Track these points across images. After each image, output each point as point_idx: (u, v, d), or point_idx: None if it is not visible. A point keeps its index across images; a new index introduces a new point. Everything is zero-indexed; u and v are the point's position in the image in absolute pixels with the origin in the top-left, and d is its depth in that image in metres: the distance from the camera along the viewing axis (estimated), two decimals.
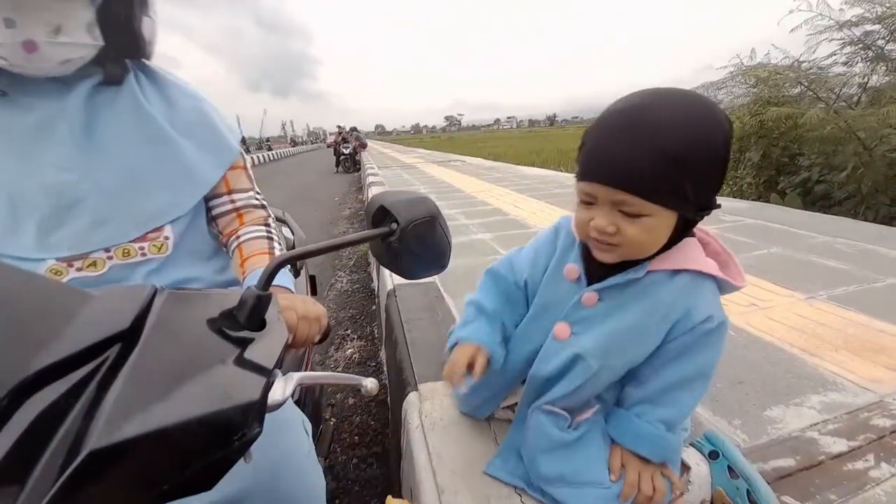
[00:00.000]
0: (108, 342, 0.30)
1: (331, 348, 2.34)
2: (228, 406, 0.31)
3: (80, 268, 0.67)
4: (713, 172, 0.53)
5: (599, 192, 0.54)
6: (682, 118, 0.50)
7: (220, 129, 0.80)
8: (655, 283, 0.61)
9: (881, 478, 0.79)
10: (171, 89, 0.76)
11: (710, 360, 0.64)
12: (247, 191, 0.84)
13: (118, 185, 0.68)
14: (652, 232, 0.55)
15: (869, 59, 4.26)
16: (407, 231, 0.50)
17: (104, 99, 0.69)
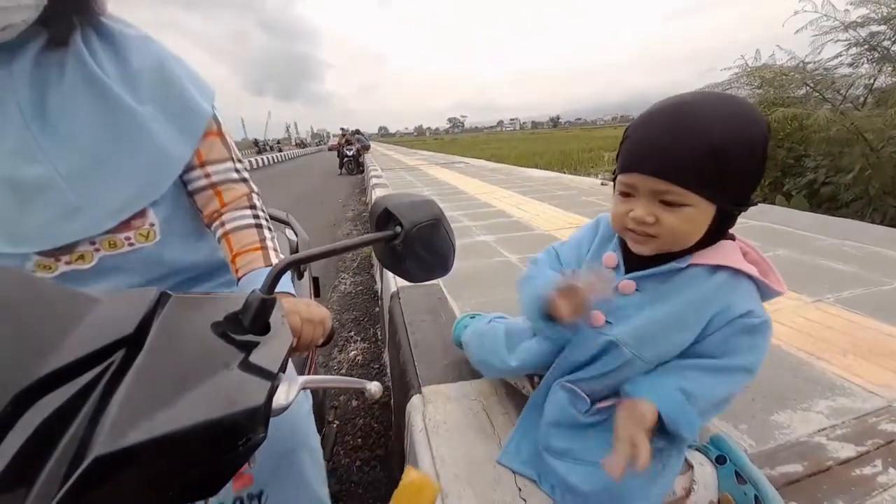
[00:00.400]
0: (114, 347, 0.30)
1: (334, 350, 2.34)
2: (233, 411, 0.31)
3: (68, 261, 0.64)
4: (752, 168, 0.56)
5: (641, 183, 0.57)
6: (726, 115, 0.54)
7: (187, 90, 0.69)
8: (695, 277, 0.62)
9: (889, 483, 0.78)
10: (127, 46, 0.65)
11: (753, 358, 0.64)
12: (223, 161, 0.73)
13: (81, 169, 0.61)
14: (691, 222, 0.57)
15: (875, 60, 4.23)
16: (411, 234, 0.50)
17: (51, 70, 0.59)
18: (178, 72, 0.69)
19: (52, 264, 0.63)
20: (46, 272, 0.64)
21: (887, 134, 3.69)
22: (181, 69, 0.70)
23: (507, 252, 2.43)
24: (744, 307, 0.61)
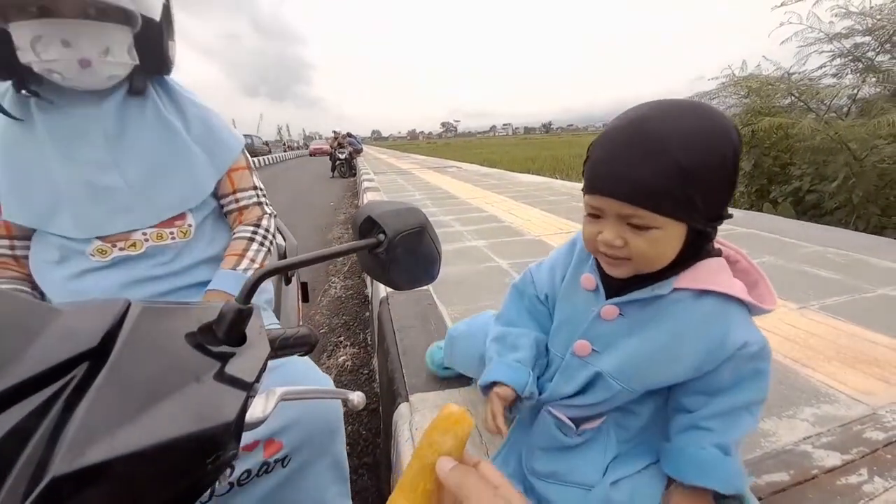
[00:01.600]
0: (76, 360, 0.29)
1: (323, 356, 2.31)
2: (202, 427, 0.30)
3: (122, 248, 0.81)
4: (722, 183, 0.52)
5: (606, 206, 0.54)
6: (689, 130, 0.50)
7: (223, 135, 0.93)
8: (681, 303, 0.58)
9: (875, 493, 0.78)
10: (184, 101, 0.89)
11: (762, 386, 0.62)
12: (249, 189, 0.98)
13: (142, 180, 0.82)
14: (660, 244, 0.53)
15: (859, 71, 4.33)
16: (395, 242, 0.49)
17: (133, 108, 0.83)
18: (217, 122, 0.93)
19: (108, 249, 0.81)
20: (102, 256, 0.81)
21: (870, 143, 3.76)
22: (219, 121, 0.94)
23: (498, 257, 2.42)
24: (738, 339, 0.58)
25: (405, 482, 0.35)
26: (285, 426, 0.74)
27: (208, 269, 0.90)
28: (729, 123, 0.52)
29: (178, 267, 0.86)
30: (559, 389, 0.69)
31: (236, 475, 0.70)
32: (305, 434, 0.77)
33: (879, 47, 4.18)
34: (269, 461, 0.73)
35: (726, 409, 0.62)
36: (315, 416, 0.78)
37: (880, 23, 3.99)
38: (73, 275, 0.80)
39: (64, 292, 0.80)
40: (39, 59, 0.69)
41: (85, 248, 0.80)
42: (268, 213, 1.02)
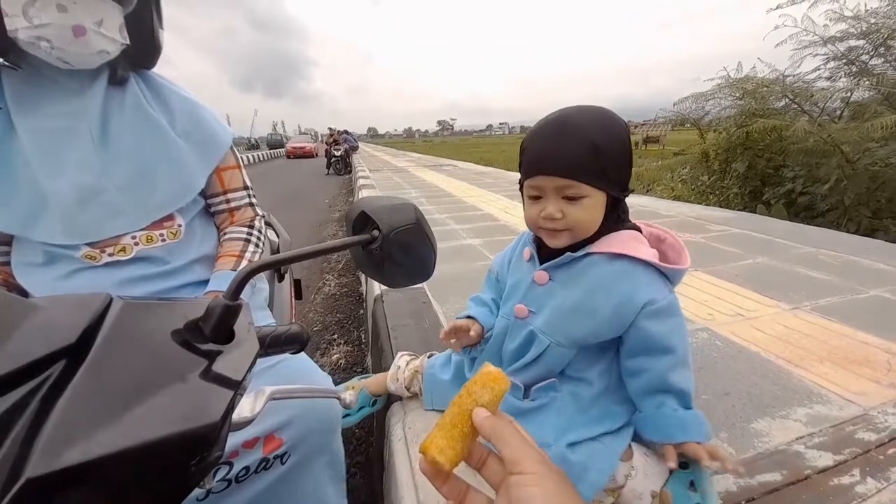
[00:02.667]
0: (52, 358, 0.27)
1: (316, 353, 2.29)
2: (186, 428, 0.29)
3: (111, 253, 0.78)
4: (624, 160, 0.67)
5: (545, 183, 0.66)
6: (598, 119, 0.66)
7: (211, 129, 0.89)
8: (595, 264, 0.70)
9: (867, 493, 0.78)
10: (168, 94, 0.86)
11: (678, 337, 0.70)
12: (240, 189, 0.96)
13: (130, 181, 0.78)
14: (591, 210, 0.66)
15: (852, 74, 4.36)
16: (389, 238, 0.48)
17: (114, 103, 0.79)
18: (205, 115, 0.89)
19: (97, 255, 0.77)
20: (92, 262, 0.77)
21: (863, 146, 3.80)
22: (207, 113, 0.90)
23: (492, 255, 2.42)
24: (645, 295, 0.67)
25: (444, 423, 0.38)
26: (286, 422, 0.74)
27: (200, 268, 0.88)
28: (619, 119, 0.68)
29: (170, 268, 0.84)
30: (506, 347, 0.81)
31: (235, 472, 0.69)
32: (305, 431, 0.76)
33: (873, 51, 4.21)
34: (269, 457, 0.72)
35: (669, 366, 0.69)
36: (315, 413, 0.78)
37: (874, 26, 4.02)
38: (61, 276, 0.77)
39: (51, 293, 0.77)
40: (31, 24, 0.65)
41: (74, 253, 0.77)
42: (259, 214, 1.00)
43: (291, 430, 0.75)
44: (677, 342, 0.69)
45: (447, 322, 1.51)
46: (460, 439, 0.36)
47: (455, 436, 0.37)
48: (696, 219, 3.31)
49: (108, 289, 0.76)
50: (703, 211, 3.72)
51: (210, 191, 0.92)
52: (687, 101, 5.58)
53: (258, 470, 0.72)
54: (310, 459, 0.79)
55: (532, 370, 0.77)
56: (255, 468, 0.71)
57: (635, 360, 0.71)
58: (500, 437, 0.34)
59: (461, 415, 0.37)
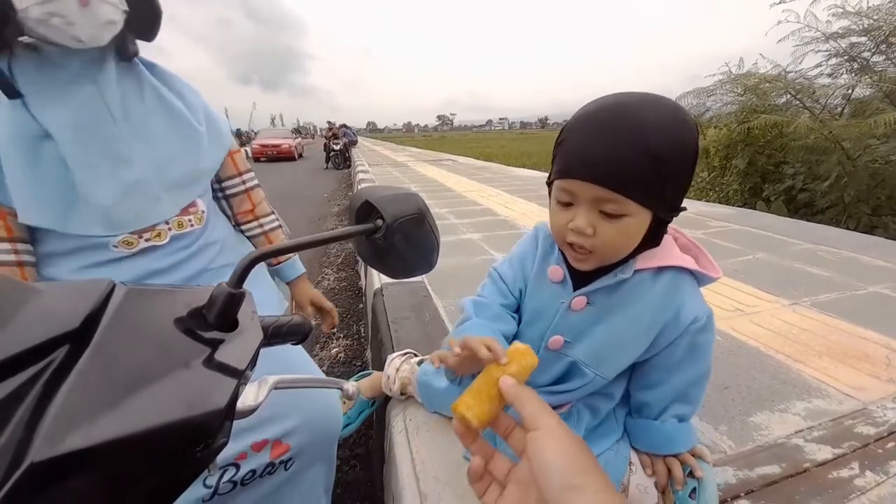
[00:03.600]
0: (55, 343, 0.27)
1: (316, 347, 2.29)
2: (191, 415, 0.28)
3: (148, 238, 0.78)
4: (687, 173, 0.54)
5: (581, 190, 0.53)
6: (664, 119, 0.51)
7: (219, 121, 0.92)
8: (642, 283, 0.61)
9: (866, 486, 0.79)
10: (181, 86, 0.87)
11: (710, 356, 0.66)
12: (249, 171, 1.01)
13: (161, 168, 0.79)
14: (628, 234, 0.54)
15: (854, 71, 4.35)
16: (393, 228, 0.48)
17: (131, 86, 0.77)
18: (212, 110, 0.92)
19: (134, 240, 0.77)
20: (128, 248, 0.77)
21: (863, 143, 3.80)
22: (212, 109, 0.93)
23: (493, 250, 2.42)
24: (691, 313, 0.61)
25: (474, 388, 0.42)
26: (294, 429, 0.76)
27: (215, 253, 0.90)
28: (691, 118, 0.54)
29: (194, 251, 0.85)
30: (534, 380, 0.69)
31: (241, 475, 0.71)
32: (311, 439, 0.78)
33: (875, 48, 4.20)
34: (275, 462, 0.74)
35: (687, 384, 0.66)
36: (321, 421, 0.80)
37: (876, 23, 4.01)
38: (84, 266, 0.75)
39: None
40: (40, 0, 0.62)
41: (109, 241, 0.75)
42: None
43: (298, 438, 0.76)
44: (709, 356, 0.66)
45: (448, 317, 1.51)
46: (487, 402, 0.40)
47: (483, 398, 0.40)
48: (696, 215, 3.31)
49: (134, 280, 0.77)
50: (704, 207, 3.72)
51: (226, 174, 0.95)
52: (688, 97, 5.56)
53: (263, 474, 0.73)
54: (310, 467, 0.81)
55: (560, 395, 0.70)
56: (261, 472, 0.73)
57: (660, 373, 0.66)
58: (522, 399, 0.38)
59: (489, 381, 0.41)
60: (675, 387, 0.66)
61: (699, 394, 0.68)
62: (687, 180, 0.55)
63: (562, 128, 0.57)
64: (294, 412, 0.76)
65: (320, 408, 0.81)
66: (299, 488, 0.80)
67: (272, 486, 0.75)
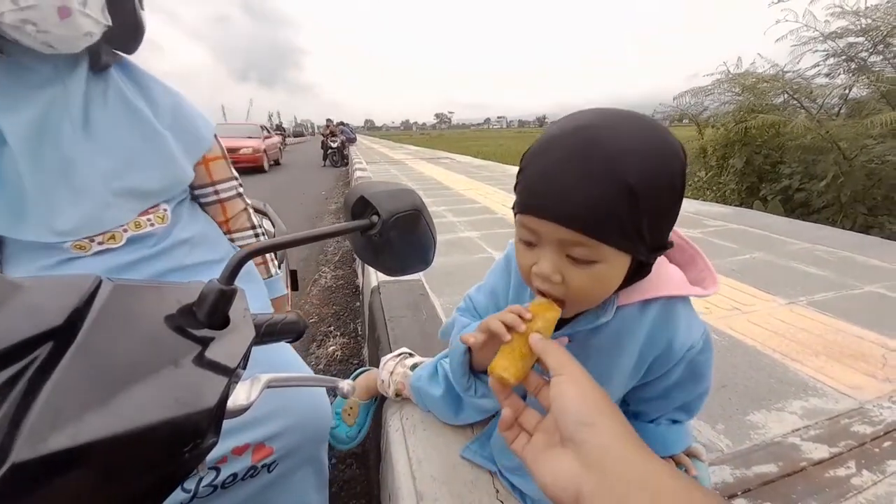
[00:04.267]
0: (38, 340, 0.26)
1: (312, 345, 2.29)
2: (179, 413, 0.28)
3: (101, 241, 0.75)
4: (672, 208, 0.45)
5: (545, 230, 0.44)
6: (642, 145, 0.42)
7: (194, 123, 0.87)
8: (627, 319, 0.55)
9: (863, 485, 0.79)
10: (152, 86, 0.83)
11: (709, 373, 0.64)
12: (228, 180, 0.95)
13: (117, 173, 0.75)
14: (601, 282, 0.46)
15: (851, 71, 4.36)
16: (389, 224, 0.47)
17: (97, 91, 0.75)
18: (188, 110, 0.87)
19: (86, 244, 0.75)
20: (81, 251, 0.75)
21: (860, 143, 3.81)
22: (189, 108, 0.87)
23: (490, 248, 2.41)
24: (685, 342, 0.56)
25: (505, 348, 0.45)
26: (278, 433, 0.74)
27: (188, 250, 0.87)
28: (676, 141, 0.45)
29: (158, 250, 0.82)
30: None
31: (222, 478, 0.70)
32: (296, 440, 0.77)
33: (872, 48, 4.21)
34: (257, 465, 0.73)
35: (687, 401, 0.65)
36: (307, 422, 0.79)
37: (874, 23, 4.01)
38: (47, 266, 0.75)
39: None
40: (17, 5, 0.61)
41: (61, 244, 0.74)
42: (249, 204, 1.01)
43: (282, 441, 0.75)
44: (709, 374, 0.63)
45: (445, 316, 1.51)
46: (520, 359, 0.44)
47: (515, 357, 0.44)
48: (693, 214, 3.31)
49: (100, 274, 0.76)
50: (701, 206, 3.73)
51: (197, 182, 0.90)
52: (686, 96, 5.57)
53: (245, 477, 0.72)
54: (297, 469, 0.80)
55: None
56: (243, 475, 0.72)
57: (658, 392, 0.64)
58: (548, 351, 0.42)
59: (519, 339, 0.45)
60: (674, 402, 0.65)
61: (699, 405, 0.67)
62: (672, 215, 0.46)
63: (525, 151, 0.49)
64: (278, 415, 0.74)
65: (307, 409, 0.79)
66: (286, 490, 0.79)
67: (255, 489, 0.74)
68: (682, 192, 0.45)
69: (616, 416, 0.36)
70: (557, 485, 0.35)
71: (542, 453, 0.38)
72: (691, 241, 0.58)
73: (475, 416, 0.84)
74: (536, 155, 0.46)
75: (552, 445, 0.38)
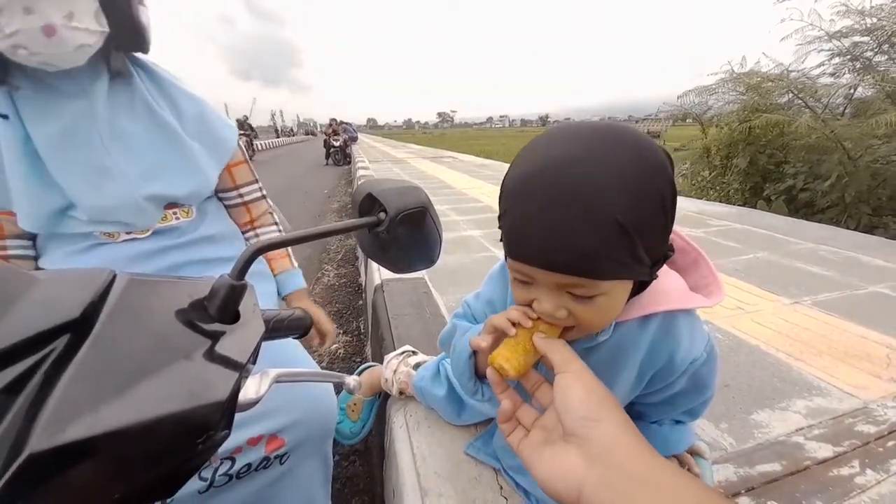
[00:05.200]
0: (55, 332, 0.27)
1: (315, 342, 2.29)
2: (192, 406, 0.28)
3: (129, 232, 0.80)
4: (664, 224, 0.43)
5: (539, 275, 0.43)
6: (627, 173, 0.39)
7: (219, 130, 0.90)
8: (626, 335, 0.54)
9: (867, 484, 0.79)
10: (175, 93, 0.85)
11: (713, 382, 0.63)
12: (251, 183, 0.99)
13: (146, 179, 0.79)
14: (608, 310, 0.45)
15: (856, 71, 4.34)
16: (396, 221, 0.47)
17: (122, 99, 0.78)
18: (211, 115, 0.89)
19: (116, 234, 0.80)
20: (110, 238, 0.80)
21: (865, 143, 3.79)
22: (214, 115, 0.90)
23: (493, 247, 2.41)
24: (688, 355, 0.55)
25: (509, 341, 0.45)
26: (290, 424, 0.76)
27: (211, 246, 0.90)
28: (659, 151, 0.42)
29: (185, 241, 0.86)
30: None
31: (237, 468, 0.72)
32: (306, 433, 0.79)
33: (877, 48, 4.18)
34: (270, 457, 0.75)
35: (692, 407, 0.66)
36: (315, 416, 0.81)
37: (880, 23, 3.99)
38: (76, 250, 0.79)
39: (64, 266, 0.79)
40: (3, 33, 0.63)
41: (92, 230, 0.79)
42: (271, 206, 1.06)
43: (293, 433, 0.77)
44: (713, 384, 0.63)
45: (448, 314, 1.51)
46: (523, 354, 0.43)
47: (519, 351, 0.44)
48: (696, 214, 3.30)
49: (125, 261, 0.80)
50: (704, 206, 3.72)
51: (221, 186, 0.94)
52: (690, 95, 5.55)
53: (258, 468, 0.75)
54: (306, 461, 0.82)
55: None
56: (256, 466, 0.74)
57: (660, 399, 0.64)
58: (552, 349, 0.42)
59: (524, 334, 0.44)
60: (678, 408, 0.65)
61: (703, 410, 0.67)
62: (665, 231, 0.44)
63: (502, 185, 0.46)
64: (289, 408, 0.77)
65: (315, 404, 0.82)
66: (295, 482, 0.81)
67: (268, 480, 0.76)
68: (673, 201, 0.43)
69: (620, 413, 0.36)
70: (557, 479, 0.35)
71: (540, 448, 0.38)
72: (694, 242, 0.56)
73: (478, 416, 0.84)
74: (515, 198, 0.43)
75: (551, 442, 0.38)
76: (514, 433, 0.42)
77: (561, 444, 0.37)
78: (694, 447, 0.71)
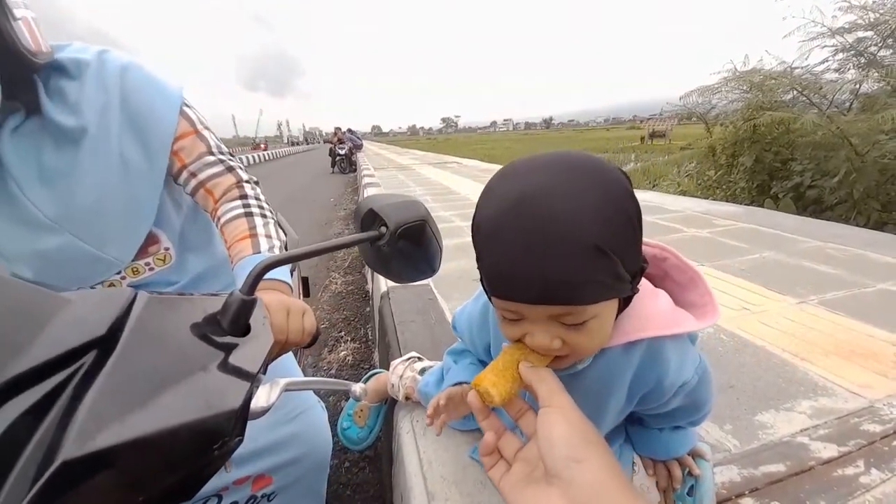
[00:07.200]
0: (84, 349, 0.29)
1: (324, 350, 2.32)
2: (209, 414, 0.31)
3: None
4: (636, 238, 0.45)
5: (528, 311, 0.43)
6: (592, 195, 0.40)
7: (152, 101, 0.71)
8: (611, 361, 0.54)
9: (871, 484, 0.79)
10: (88, 74, 0.67)
11: (710, 398, 0.63)
12: (201, 157, 0.74)
13: (87, 223, 0.68)
14: (600, 331, 0.46)
15: (861, 66, 4.30)
16: (396, 235, 0.50)
17: (33, 136, 0.63)
18: (140, 84, 0.71)
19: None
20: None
21: (872, 139, 3.75)
22: (142, 80, 0.71)
23: None
24: (674, 382, 0.55)
25: (496, 366, 0.44)
26: (280, 465, 0.75)
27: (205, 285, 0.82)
28: (615, 170, 0.44)
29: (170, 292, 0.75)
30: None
31: None
32: (296, 474, 0.77)
33: (882, 42, 4.15)
34: (257, 495, 0.73)
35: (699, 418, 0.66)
36: (307, 457, 0.78)
37: (883, 17, 3.97)
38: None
39: None
40: None
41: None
42: (245, 178, 0.79)
43: (283, 473, 0.75)
44: (709, 400, 0.63)
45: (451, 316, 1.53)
46: (511, 381, 0.43)
47: (506, 377, 0.43)
48: (702, 213, 3.29)
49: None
50: (710, 206, 3.70)
51: (173, 171, 0.75)
52: (693, 95, 5.54)
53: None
54: (295, 500, 0.80)
55: None
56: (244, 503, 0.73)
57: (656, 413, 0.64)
58: (539, 380, 0.41)
59: (511, 362, 0.44)
60: (676, 421, 0.67)
61: (702, 421, 0.68)
62: (636, 244, 0.45)
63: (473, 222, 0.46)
64: (279, 449, 0.74)
65: (308, 442, 0.78)
66: None
67: None
68: (639, 215, 0.44)
69: (605, 452, 0.35)
70: None
71: (522, 488, 0.37)
72: (691, 262, 0.56)
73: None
74: (494, 238, 0.42)
75: (534, 480, 0.36)
76: (495, 468, 0.40)
77: (543, 486, 0.35)
78: (695, 449, 0.71)
